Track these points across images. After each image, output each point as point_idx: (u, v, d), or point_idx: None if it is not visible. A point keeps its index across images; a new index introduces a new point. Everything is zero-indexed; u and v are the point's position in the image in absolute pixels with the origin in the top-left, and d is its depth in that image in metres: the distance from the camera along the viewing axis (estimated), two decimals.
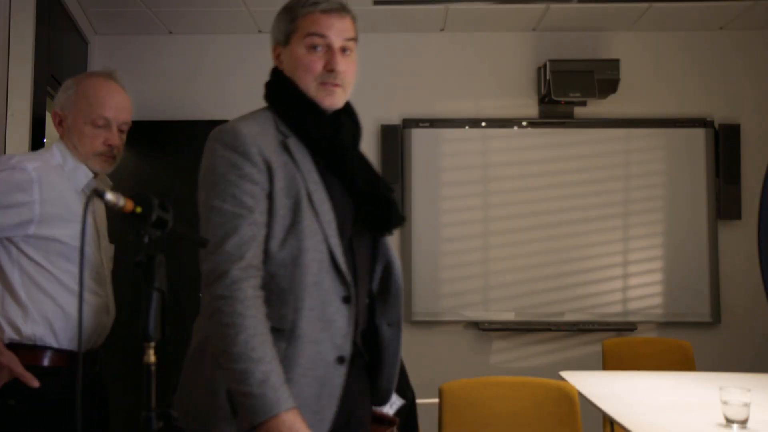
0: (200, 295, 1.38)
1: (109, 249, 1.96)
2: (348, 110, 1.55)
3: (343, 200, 1.46)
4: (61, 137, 1.84)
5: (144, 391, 1.04)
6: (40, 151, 1.88)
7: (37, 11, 3.30)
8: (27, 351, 1.70)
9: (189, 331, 1.49)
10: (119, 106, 1.86)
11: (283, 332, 1.35)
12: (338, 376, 1.40)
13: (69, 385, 1.72)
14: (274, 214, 1.37)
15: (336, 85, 1.47)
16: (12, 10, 3.22)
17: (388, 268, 1.54)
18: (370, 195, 1.50)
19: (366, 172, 1.53)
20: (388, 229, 1.52)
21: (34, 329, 1.71)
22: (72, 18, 3.89)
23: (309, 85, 1.46)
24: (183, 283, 4.10)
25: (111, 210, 1.06)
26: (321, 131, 1.46)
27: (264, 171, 1.37)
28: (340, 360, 1.40)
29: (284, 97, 1.49)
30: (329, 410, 1.39)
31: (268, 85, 1.54)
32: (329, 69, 1.45)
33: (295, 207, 1.38)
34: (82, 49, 4.14)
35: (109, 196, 1.01)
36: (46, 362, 1.72)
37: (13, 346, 1.68)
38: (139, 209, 1.08)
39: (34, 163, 1.74)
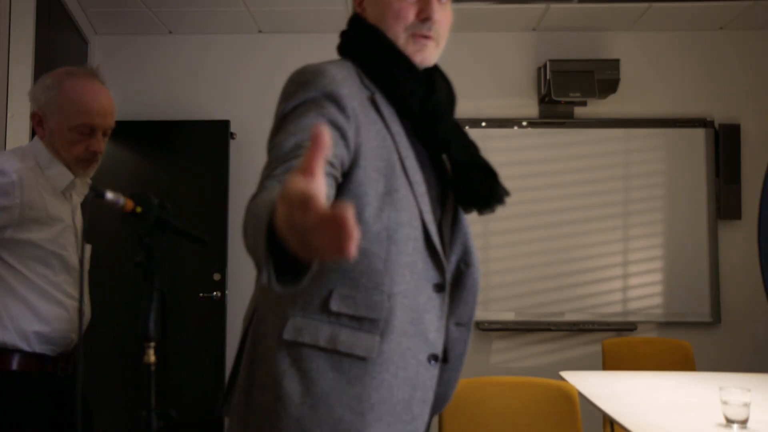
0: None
1: (86, 250, 1.91)
2: (440, 71, 1.34)
3: (430, 173, 1.24)
4: (41, 137, 1.76)
5: (144, 391, 1.04)
6: (18, 150, 1.79)
7: (37, 11, 3.30)
8: None
9: (189, 331, 1.49)
10: (105, 111, 1.76)
11: (378, 322, 1.13)
12: (430, 377, 1.20)
13: (38, 389, 1.70)
14: (366, 177, 1.13)
15: (429, 37, 1.25)
16: (12, 10, 3.22)
17: (465, 258, 1.34)
18: (469, 164, 1.27)
19: (462, 140, 1.30)
20: (490, 203, 1.30)
21: (4, 334, 1.67)
22: (72, 18, 3.89)
23: (398, 35, 1.23)
24: (183, 283, 4.11)
25: (111, 210, 1.05)
26: (414, 89, 1.23)
27: (352, 120, 1.13)
28: (433, 358, 1.21)
29: (369, 46, 1.24)
30: (422, 420, 1.19)
31: (346, 35, 1.30)
32: (423, 18, 1.23)
33: (388, 172, 1.16)
34: (82, 49, 4.14)
35: (110, 195, 1.01)
36: (14, 366, 1.68)
37: None
38: (139, 209, 1.08)
39: (15, 164, 1.68)
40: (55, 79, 1.75)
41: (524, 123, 4.21)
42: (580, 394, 2.29)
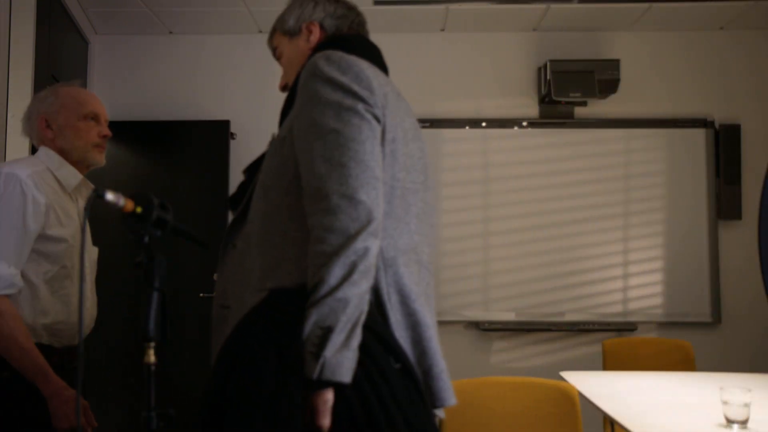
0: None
1: (93, 252, 2.03)
2: None
3: None
4: (51, 140, 1.90)
5: (144, 391, 1.04)
6: (26, 158, 1.97)
7: (37, 11, 3.30)
8: None
9: (189, 331, 1.48)
10: (100, 103, 1.98)
11: None
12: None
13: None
14: None
15: None
16: (12, 10, 3.22)
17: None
18: None
19: None
20: None
21: None
22: (72, 18, 3.89)
23: None
24: (183, 283, 4.11)
25: (111, 210, 1.06)
26: None
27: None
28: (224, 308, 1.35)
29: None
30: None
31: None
32: None
33: None
34: (82, 49, 4.14)
35: (110, 195, 1.01)
36: None
37: None
38: (139, 209, 1.08)
39: (25, 171, 1.80)
40: (49, 90, 1.95)
41: (524, 123, 4.21)
42: (581, 395, 2.29)
